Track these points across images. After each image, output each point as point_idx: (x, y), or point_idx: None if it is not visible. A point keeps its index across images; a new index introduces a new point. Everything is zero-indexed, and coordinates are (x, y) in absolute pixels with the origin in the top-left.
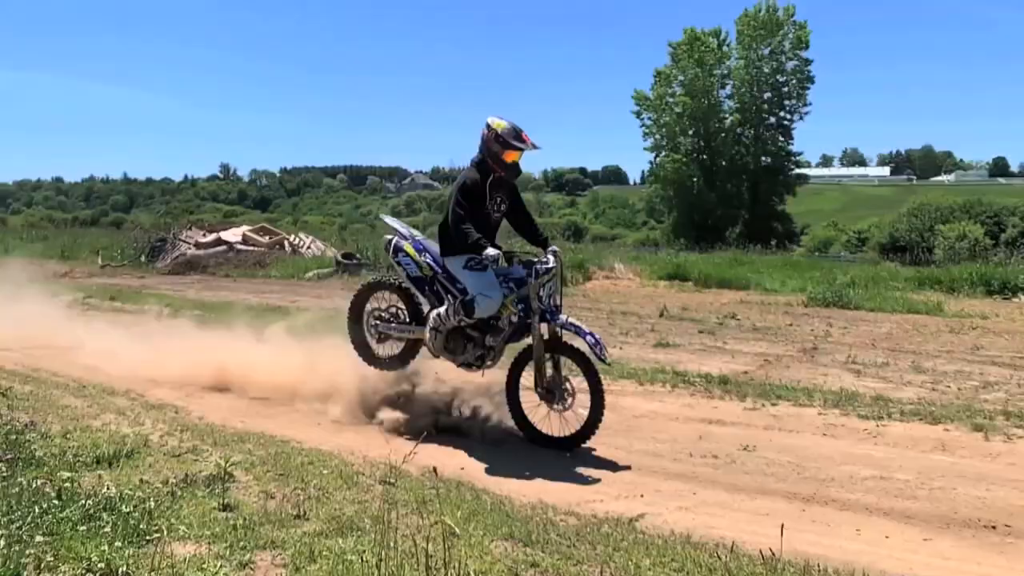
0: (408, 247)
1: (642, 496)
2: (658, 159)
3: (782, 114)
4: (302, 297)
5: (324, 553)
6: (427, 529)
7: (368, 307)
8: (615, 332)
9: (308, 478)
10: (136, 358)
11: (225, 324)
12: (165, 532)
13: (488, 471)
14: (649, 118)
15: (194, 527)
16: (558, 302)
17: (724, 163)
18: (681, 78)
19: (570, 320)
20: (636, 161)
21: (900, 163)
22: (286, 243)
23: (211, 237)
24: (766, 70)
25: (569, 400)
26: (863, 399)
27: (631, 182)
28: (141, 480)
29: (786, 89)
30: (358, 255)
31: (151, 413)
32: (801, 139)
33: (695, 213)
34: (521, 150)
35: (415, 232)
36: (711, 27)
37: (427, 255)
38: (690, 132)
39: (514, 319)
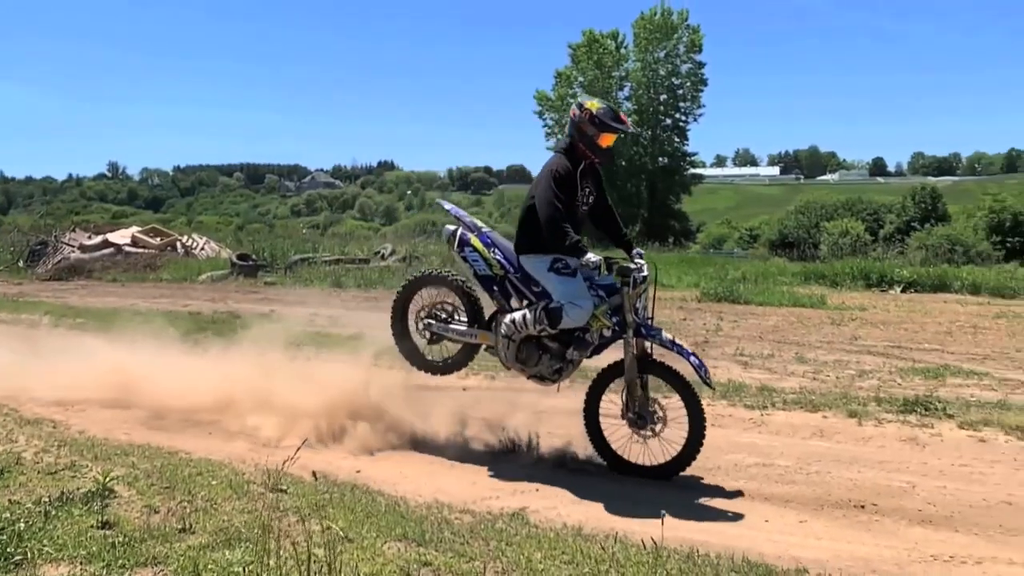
0: (475, 240)
1: (538, 491)
2: None
3: (678, 116)
4: (195, 301)
5: (209, 567)
6: (318, 535)
7: (415, 304)
8: None
9: (196, 490)
10: (7, 371)
11: (110, 332)
12: (35, 554)
13: (384, 473)
14: (551, 118)
15: (68, 547)
16: (651, 315)
17: (623, 163)
18: (581, 79)
19: (674, 339)
20: (540, 160)
21: (789, 163)
22: (178, 244)
23: (97, 239)
24: (662, 72)
25: (660, 425)
26: (749, 390)
27: None
28: (11, 501)
29: (681, 91)
30: (254, 256)
31: (26, 429)
32: (696, 140)
33: None
34: (619, 132)
35: (479, 223)
36: (610, 29)
37: (496, 251)
38: None
39: (607, 333)
